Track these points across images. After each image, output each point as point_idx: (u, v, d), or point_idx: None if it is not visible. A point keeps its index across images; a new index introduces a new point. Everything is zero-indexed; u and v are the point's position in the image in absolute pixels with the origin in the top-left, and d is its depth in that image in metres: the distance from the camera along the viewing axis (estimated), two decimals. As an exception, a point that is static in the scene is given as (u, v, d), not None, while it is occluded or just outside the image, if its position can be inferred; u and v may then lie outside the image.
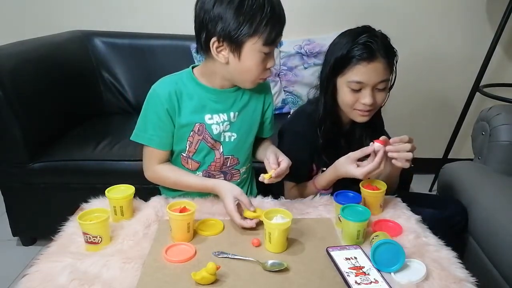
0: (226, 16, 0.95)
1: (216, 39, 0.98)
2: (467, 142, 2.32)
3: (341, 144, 1.22)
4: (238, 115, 1.13)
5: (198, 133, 1.10)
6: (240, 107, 1.13)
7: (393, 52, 1.12)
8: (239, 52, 0.99)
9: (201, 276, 0.78)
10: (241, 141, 1.15)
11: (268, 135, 1.25)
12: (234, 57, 1.00)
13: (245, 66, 1.01)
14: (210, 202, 1.10)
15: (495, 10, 2.18)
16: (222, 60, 1.01)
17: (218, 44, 0.99)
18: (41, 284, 0.79)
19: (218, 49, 1.00)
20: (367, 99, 1.10)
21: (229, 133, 1.13)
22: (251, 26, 0.95)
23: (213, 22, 0.96)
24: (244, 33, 0.96)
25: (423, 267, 0.83)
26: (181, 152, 1.14)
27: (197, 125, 1.09)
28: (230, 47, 0.99)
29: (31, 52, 1.75)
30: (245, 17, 0.95)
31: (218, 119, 1.10)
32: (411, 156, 1.03)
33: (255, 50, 0.99)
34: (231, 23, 0.95)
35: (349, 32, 1.13)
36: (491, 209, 1.25)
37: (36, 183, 1.66)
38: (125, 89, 2.16)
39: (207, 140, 1.11)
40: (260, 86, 1.14)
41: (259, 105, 1.17)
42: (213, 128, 1.10)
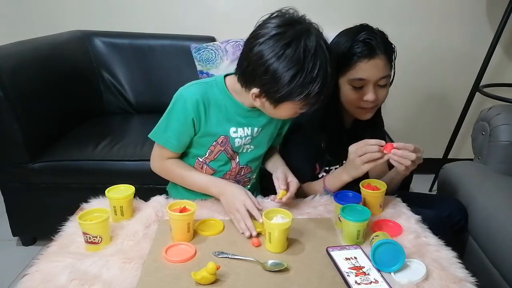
0: (281, 79, 0.90)
1: (259, 92, 0.96)
2: (467, 142, 2.32)
3: (343, 142, 1.22)
4: (260, 131, 1.13)
5: (221, 144, 1.10)
6: (263, 124, 1.12)
7: (392, 48, 1.13)
8: (277, 105, 0.97)
9: (201, 276, 0.78)
10: (257, 153, 1.16)
11: (276, 144, 1.26)
12: (270, 105, 0.98)
13: (279, 114, 1.01)
14: (210, 202, 1.10)
15: (495, 10, 2.18)
16: (257, 105, 1.01)
17: (259, 95, 0.97)
18: (41, 284, 0.78)
19: (254, 95, 0.97)
20: (369, 95, 1.10)
21: (248, 146, 1.13)
22: (299, 95, 0.92)
23: (265, 76, 0.92)
24: (289, 98, 0.93)
25: (423, 267, 0.83)
26: (198, 157, 1.13)
27: (222, 137, 1.09)
28: (270, 101, 0.96)
29: (31, 52, 1.75)
30: (295, 86, 0.91)
31: (242, 133, 1.10)
32: (409, 163, 0.99)
33: (294, 107, 0.97)
34: (281, 88, 0.91)
35: (347, 31, 1.14)
36: (491, 209, 1.25)
37: (36, 183, 1.66)
38: (125, 89, 2.16)
39: (228, 151, 1.11)
40: None
41: (279, 123, 1.18)
42: (236, 141, 1.10)
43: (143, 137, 1.71)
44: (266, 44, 0.91)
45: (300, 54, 0.89)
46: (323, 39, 0.94)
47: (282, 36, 0.90)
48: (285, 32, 0.91)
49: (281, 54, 0.89)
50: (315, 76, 0.91)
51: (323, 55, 0.92)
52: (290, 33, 0.91)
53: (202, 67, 2.01)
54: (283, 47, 0.89)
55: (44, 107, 1.71)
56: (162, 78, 2.12)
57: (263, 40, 0.92)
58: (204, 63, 2.01)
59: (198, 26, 2.21)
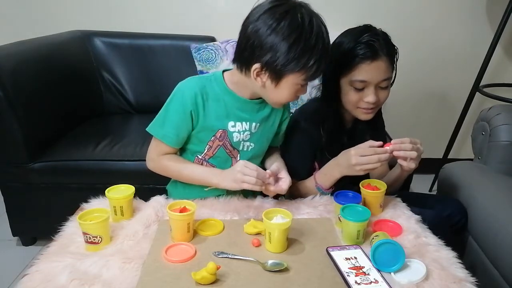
0: (279, 49, 0.93)
1: (260, 66, 0.96)
2: (467, 142, 2.32)
3: (343, 142, 1.22)
4: (259, 126, 1.13)
5: (220, 138, 1.10)
6: (261, 119, 1.13)
7: (394, 50, 1.13)
8: (279, 81, 0.98)
9: (201, 276, 0.78)
10: (257, 151, 1.17)
11: (276, 144, 1.27)
12: (272, 84, 0.99)
13: (280, 94, 1.01)
14: (210, 202, 1.10)
15: (495, 10, 2.18)
16: (259, 84, 1.00)
17: (260, 71, 0.98)
18: (41, 284, 0.78)
19: (257, 73, 0.98)
20: (370, 97, 1.10)
21: (248, 143, 1.14)
22: (299, 64, 0.94)
23: (263, 50, 0.94)
24: (290, 68, 0.95)
25: (423, 267, 0.83)
26: (197, 153, 1.13)
27: (220, 131, 1.09)
28: (271, 76, 0.97)
29: (31, 52, 1.75)
30: (295, 54, 0.93)
31: (241, 128, 1.10)
32: (415, 154, 1.03)
33: (295, 83, 0.98)
34: (281, 58, 0.93)
35: (351, 31, 1.13)
36: (491, 209, 1.25)
37: (36, 183, 1.66)
38: (125, 89, 2.16)
39: (227, 146, 1.11)
40: None
41: (278, 118, 1.18)
42: (234, 136, 1.10)
43: (143, 137, 1.71)
44: (260, 20, 0.94)
45: (297, 22, 0.92)
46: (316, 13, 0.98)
47: (276, 10, 0.94)
48: (279, 5, 0.94)
49: (276, 25, 0.92)
50: (314, 43, 0.93)
51: (318, 24, 0.95)
52: (284, 6, 0.94)
53: (202, 67, 2.01)
54: (278, 19, 0.92)
55: (44, 107, 1.71)
56: (162, 78, 2.12)
57: (257, 16, 0.95)
58: (204, 63, 2.01)
59: (198, 26, 2.22)
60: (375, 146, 1.03)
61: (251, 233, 0.96)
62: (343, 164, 1.07)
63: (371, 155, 1.02)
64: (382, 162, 1.03)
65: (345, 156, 1.07)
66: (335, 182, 1.14)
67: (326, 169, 1.15)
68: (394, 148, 1.03)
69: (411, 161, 1.05)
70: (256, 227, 0.96)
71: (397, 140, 1.04)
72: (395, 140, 1.04)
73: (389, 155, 1.03)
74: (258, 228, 0.95)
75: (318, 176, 1.16)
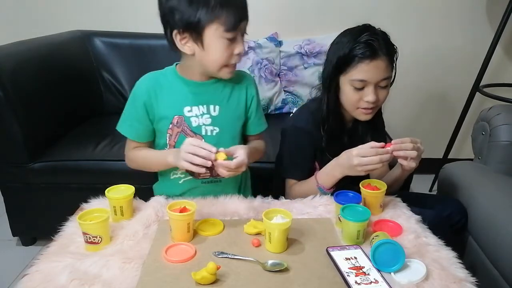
0: (180, 6, 0.97)
1: (177, 31, 1.00)
2: (467, 142, 2.32)
3: (344, 142, 1.22)
4: (220, 109, 1.13)
5: (177, 125, 1.11)
6: (221, 100, 1.13)
7: (394, 49, 1.13)
8: (202, 40, 1.00)
9: (201, 276, 0.78)
10: (224, 135, 1.14)
11: (254, 132, 1.23)
12: (198, 47, 1.01)
13: (210, 55, 1.02)
14: (210, 202, 1.10)
15: (495, 10, 2.18)
16: (188, 52, 1.03)
17: (181, 36, 1.01)
18: (41, 284, 0.79)
19: (182, 41, 1.02)
20: (370, 96, 1.10)
21: (211, 127, 1.13)
22: (207, 11, 0.96)
23: (171, 14, 0.99)
24: (201, 19, 0.97)
25: (423, 267, 0.83)
26: (164, 147, 1.15)
27: (176, 118, 1.11)
28: (192, 37, 1.00)
29: (31, 52, 1.75)
30: (198, 4, 0.96)
31: (198, 112, 1.11)
32: (415, 154, 1.04)
33: (217, 37, 0.99)
34: (186, 12, 0.97)
35: (350, 31, 1.14)
36: (491, 209, 1.25)
37: (36, 183, 1.66)
38: (125, 89, 2.16)
39: (186, 132, 1.12)
40: (241, 79, 1.16)
41: (242, 99, 1.17)
42: (192, 121, 1.11)
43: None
44: None
45: None
46: None
47: None
48: None
49: None
50: None
51: None
52: None
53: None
54: None
55: (44, 107, 1.71)
56: (162, 78, 2.12)
57: None
58: (204, 63, 2.01)
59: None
60: (376, 147, 1.03)
61: (251, 233, 0.96)
62: (345, 164, 1.08)
63: (372, 156, 1.02)
64: (383, 163, 1.03)
65: (346, 156, 1.07)
66: (336, 182, 1.14)
67: (327, 169, 1.15)
68: (395, 148, 1.03)
69: (412, 160, 1.05)
70: (256, 227, 0.96)
71: (398, 140, 1.04)
72: (396, 140, 1.04)
73: (390, 156, 1.04)
74: (258, 228, 0.95)
75: (319, 176, 1.17)
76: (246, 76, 1.20)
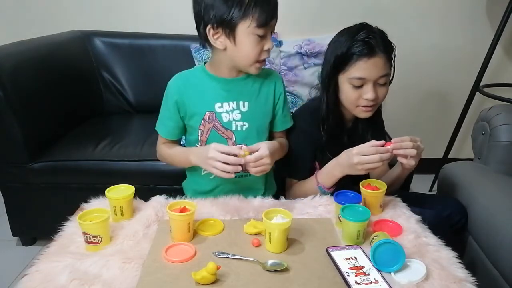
0: (215, 3, 1.01)
1: (211, 26, 1.04)
2: (467, 142, 2.32)
3: (344, 141, 1.22)
4: (249, 105, 1.16)
5: (209, 121, 1.14)
6: (250, 96, 1.16)
7: (391, 47, 1.14)
8: (234, 36, 1.03)
9: (201, 275, 0.78)
10: (253, 130, 1.17)
11: (280, 129, 1.25)
12: (230, 42, 1.05)
13: (242, 50, 1.05)
14: (210, 202, 1.10)
15: (495, 10, 2.18)
16: (220, 47, 1.06)
17: (214, 31, 1.05)
18: (41, 284, 0.79)
19: (215, 36, 1.05)
20: (369, 94, 1.11)
21: (241, 123, 1.15)
22: (241, 9, 1.00)
23: (206, 11, 1.03)
24: (235, 16, 1.00)
25: (423, 267, 0.83)
26: (195, 143, 1.17)
27: (208, 114, 1.13)
28: (225, 32, 1.04)
29: (31, 52, 1.75)
30: (233, 1, 1.00)
31: (228, 107, 1.14)
32: (414, 152, 1.05)
33: (249, 33, 1.03)
34: (221, 9, 1.01)
35: (347, 30, 1.15)
36: (491, 209, 1.24)
37: (36, 183, 1.66)
38: (125, 89, 2.16)
39: (218, 128, 1.14)
40: (269, 76, 1.19)
41: (270, 95, 1.20)
42: (223, 116, 1.14)
43: (143, 137, 1.71)
44: None
45: None
46: None
47: None
48: None
49: None
50: None
51: None
52: None
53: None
54: None
55: (44, 107, 1.71)
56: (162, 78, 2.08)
57: None
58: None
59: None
60: (376, 145, 1.03)
61: (251, 233, 0.96)
62: (345, 163, 1.08)
63: (372, 154, 1.03)
64: (383, 161, 1.04)
65: (346, 156, 1.08)
66: (336, 182, 1.14)
67: (328, 168, 1.15)
68: (395, 146, 1.04)
69: (411, 158, 1.06)
70: (256, 227, 0.96)
71: (398, 138, 1.05)
72: (396, 139, 1.05)
73: (391, 154, 1.04)
74: (258, 228, 0.95)
75: (320, 176, 1.17)
76: (274, 74, 1.23)
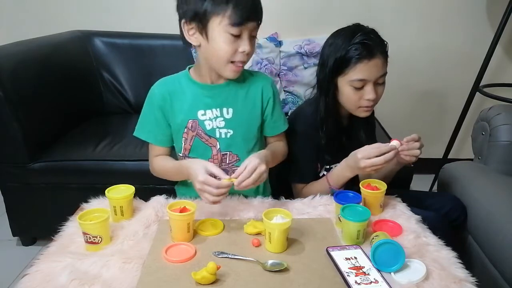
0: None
1: (185, 20, 1.02)
2: (467, 142, 2.32)
3: (342, 140, 1.23)
4: (233, 111, 1.12)
5: (192, 129, 1.12)
6: (234, 103, 1.13)
7: (386, 45, 1.15)
8: (206, 31, 1.01)
9: (201, 275, 0.78)
10: (238, 137, 1.14)
11: (270, 134, 1.21)
12: (203, 38, 1.02)
13: (214, 47, 1.02)
14: (210, 202, 1.10)
15: (495, 10, 2.18)
16: (195, 43, 1.04)
17: (188, 26, 1.02)
18: (41, 284, 0.79)
19: (190, 31, 1.03)
20: (371, 95, 1.12)
21: (225, 130, 1.13)
22: (214, 3, 0.97)
23: (181, 4, 1.02)
24: (207, 10, 0.98)
25: (423, 267, 0.83)
26: (178, 152, 1.16)
27: (190, 122, 1.11)
28: (198, 27, 1.01)
29: (31, 52, 1.75)
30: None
31: (211, 115, 1.12)
32: (419, 153, 1.09)
33: (221, 30, 1.00)
34: (194, 2, 0.99)
35: (342, 31, 1.15)
36: (491, 209, 1.25)
37: (36, 183, 1.66)
38: (125, 89, 2.16)
39: (201, 135, 1.12)
40: (257, 81, 1.15)
41: (258, 100, 1.15)
42: (206, 124, 1.12)
43: (143, 137, 1.72)
44: None
45: None
46: None
47: None
48: None
49: None
50: None
51: None
52: None
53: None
54: None
55: (44, 107, 1.71)
56: (162, 78, 2.12)
57: None
58: (204, 63, 2.01)
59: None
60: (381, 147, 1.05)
61: (251, 233, 0.96)
62: (354, 165, 1.10)
63: (376, 156, 1.04)
64: (389, 161, 1.05)
65: (353, 160, 1.10)
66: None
67: (338, 170, 1.17)
68: (403, 148, 1.08)
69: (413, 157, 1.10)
70: (256, 227, 0.96)
71: (409, 138, 1.09)
72: (407, 138, 1.09)
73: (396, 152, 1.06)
74: (258, 228, 0.95)
75: (331, 178, 1.18)
76: (263, 77, 1.19)
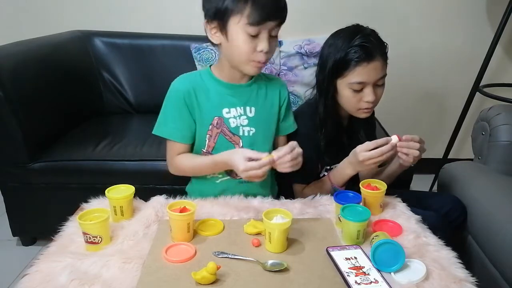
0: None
1: (208, 19, 1.04)
2: (467, 142, 2.32)
3: (343, 141, 1.23)
4: (255, 110, 1.15)
5: (217, 126, 1.13)
6: (256, 102, 1.16)
7: (385, 47, 1.15)
8: (226, 31, 1.02)
9: (201, 275, 0.78)
10: (260, 135, 1.17)
11: (284, 133, 1.25)
12: (223, 37, 1.04)
13: (233, 46, 1.03)
14: (210, 202, 1.10)
15: (495, 10, 2.18)
16: (216, 41, 1.06)
17: (210, 26, 1.05)
18: (41, 284, 0.79)
19: (212, 30, 1.05)
20: (370, 97, 1.13)
21: (248, 128, 1.15)
22: (233, 2, 0.98)
23: (204, 3, 1.04)
24: (227, 8, 0.99)
25: (423, 267, 0.83)
26: (202, 148, 1.16)
27: (216, 119, 1.13)
28: (218, 26, 1.03)
29: (31, 52, 1.75)
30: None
31: (235, 113, 1.13)
32: (418, 154, 1.08)
33: (240, 29, 1.01)
34: (215, 1, 1.00)
35: (342, 33, 1.15)
36: (491, 209, 1.24)
37: (36, 183, 1.66)
38: (125, 89, 2.16)
39: (226, 133, 1.14)
40: (274, 82, 1.20)
41: (276, 100, 1.20)
42: (231, 122, 1.13)
43: (143, 137, 1.71)
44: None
45: None
46: None
47: None
48: None
49: None
50: None
51: None
52: None
53: (202, 67, 2.01)
54: None
55: (44, 107, 1.70)
56: (162, 78, 2.09)
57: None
58: (204, 63, 2.01)
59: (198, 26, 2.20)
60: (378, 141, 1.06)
61: (251, 233, 0.96)
62: (354, 161, 1.11)
63: (374, 149, 1.05)
64: (386, 154, 1.06)
65: (353, 155, 1.11)
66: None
67: (339, 168, 1.17)
68: (401, 144, 1.07)
69: (411, 157, 1.08)
70: (256, 227, 0.96)
71: (409, 136, 1.08)
72: (407, 137, 1.08)
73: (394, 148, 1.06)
74: (258, 228, 0.95)
75: (332, 176, 1.19)
76: (280, 81, 1.25)
